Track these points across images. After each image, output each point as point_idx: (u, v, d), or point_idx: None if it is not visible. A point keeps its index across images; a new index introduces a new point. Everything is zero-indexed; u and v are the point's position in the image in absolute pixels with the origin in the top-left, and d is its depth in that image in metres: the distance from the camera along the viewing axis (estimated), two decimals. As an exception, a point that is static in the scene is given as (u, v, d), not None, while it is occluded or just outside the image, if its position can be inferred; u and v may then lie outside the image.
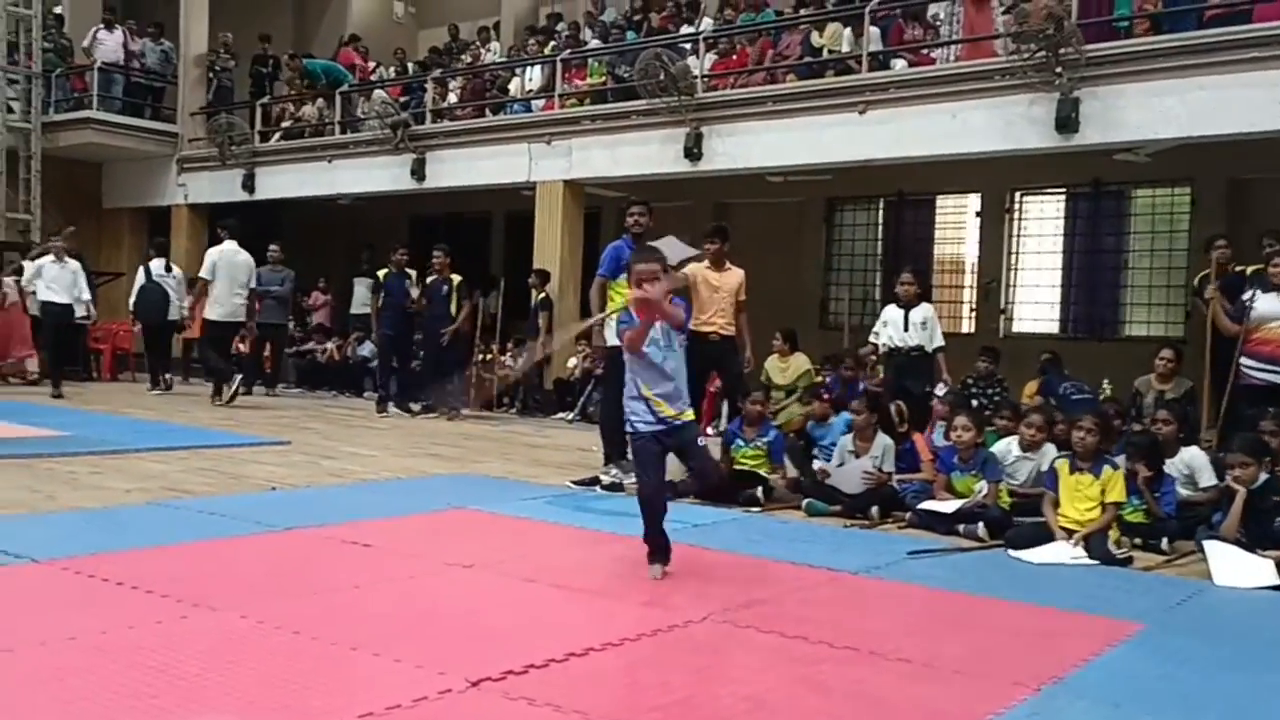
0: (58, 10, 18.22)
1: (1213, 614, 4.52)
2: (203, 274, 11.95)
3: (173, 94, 17.59)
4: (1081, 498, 5.55)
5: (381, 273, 12.19)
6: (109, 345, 15.37)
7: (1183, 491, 6.22)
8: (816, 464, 7.14)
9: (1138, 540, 5.74)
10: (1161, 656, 3.76)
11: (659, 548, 4.62)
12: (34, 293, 12.96)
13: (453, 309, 11.77)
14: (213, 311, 11.91)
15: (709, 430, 9.97)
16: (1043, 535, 5.54)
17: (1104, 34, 9.54)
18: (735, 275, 8.04)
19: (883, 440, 6.80)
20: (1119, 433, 6.67)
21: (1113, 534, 5.47)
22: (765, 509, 6.66)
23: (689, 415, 4.61)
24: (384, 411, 11.95)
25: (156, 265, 13.45)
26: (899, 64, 10.78)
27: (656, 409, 4.54)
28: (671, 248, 7.27)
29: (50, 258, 12.48)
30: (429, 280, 11.92)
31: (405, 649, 3.44)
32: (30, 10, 16.36)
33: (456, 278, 11.84)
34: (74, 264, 12.58)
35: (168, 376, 13.31)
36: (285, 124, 16.73)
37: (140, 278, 13.36)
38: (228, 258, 12.00)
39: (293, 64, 16.98)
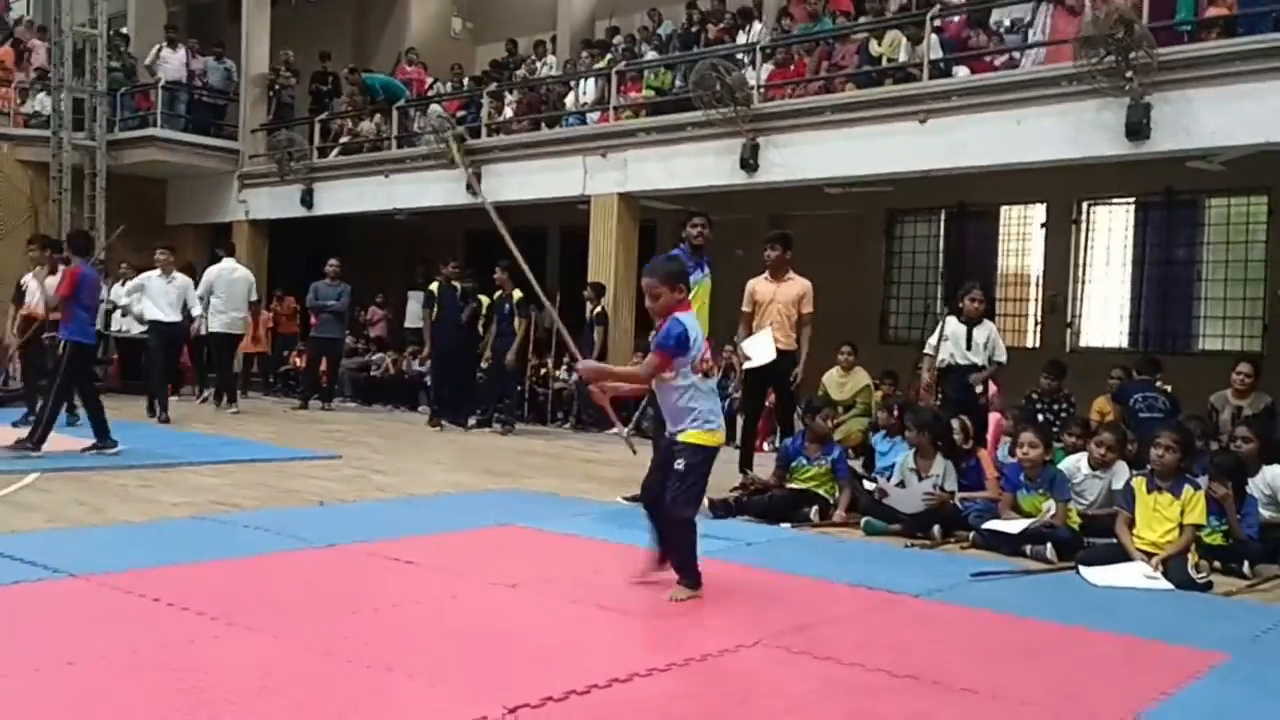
0: (123, 30, 18.53)
1: (1303, 644, 4.23)
2: (199, 293, 12.45)
3: (234, 111, 17.81)
4: (1160, 519, 5.27)
5: (434, 286, 12.21)
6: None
7: (1264, 513, 5.90)
8: (875, 483, 6.91)
9: (1217, 564, 5.45)
10: (1250, 688, 3.50)
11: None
12: (118, 309, 13.53)
13: (516, 325, 11.73)
14: (214, 323, 12.73)
15: (765, 447, 9.75)
16: (1117, 557, 5.27)
17: (1176, 37, 9.20)
18: (795, 286, 7.82)
19: (943, 460, 6.56)
20: (1199, 452, 6.35)
21: (1192, 557, 5.18)
22: (819, 527, 6.45)
23: (684, 436, 4.45)
24: (438, 426, 11.91)
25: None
26: (961, 71, 10.51)
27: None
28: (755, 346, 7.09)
29: (157, 272, 11.83)
30: (495, 296, 11.92)
31: (442, 673, 3.31)
32: (96, 30, 16.63)
33: (517, 293, 11.78)
34: (182, 278, 11.98)
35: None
36: (344, 140, 16.84)
37: None
38: (225, 275, 12.82)
39: (352, 78, 17.09)
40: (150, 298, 11.74)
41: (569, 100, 14.24)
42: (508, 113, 14.95)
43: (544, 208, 14.76)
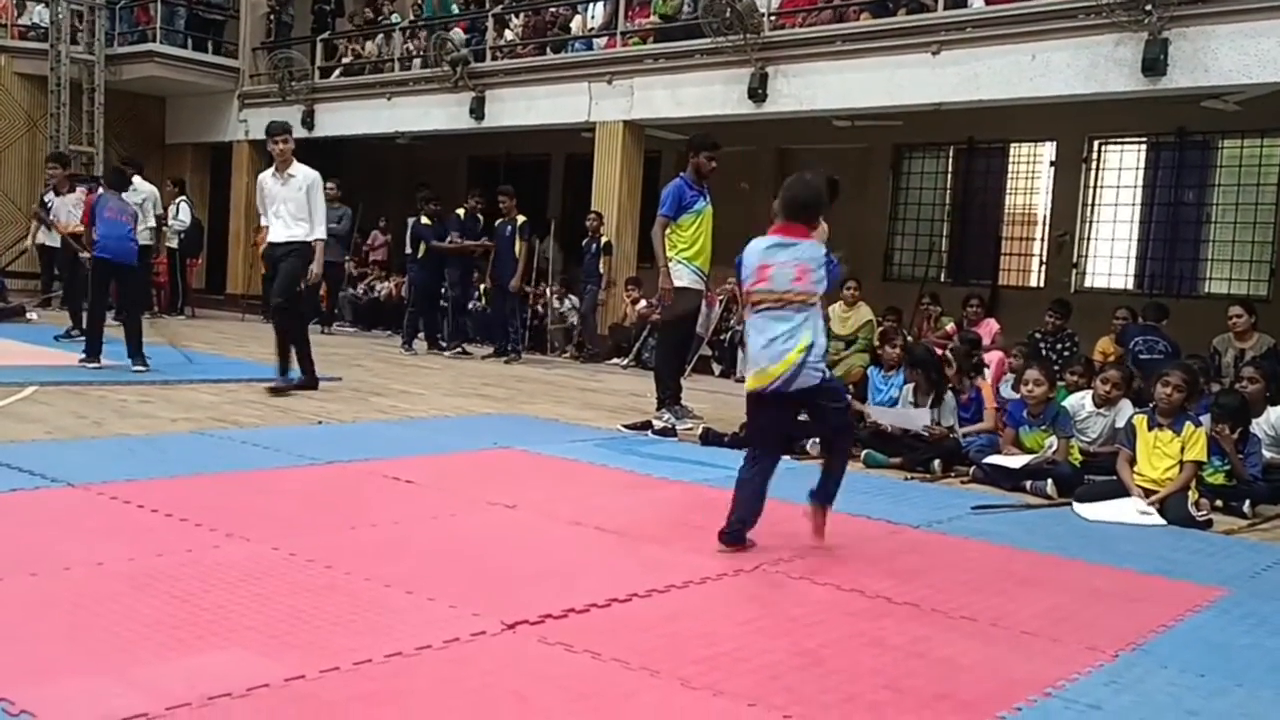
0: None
1: (1302, 582, 4.22)
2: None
3: (235, 28, 17.52)
4: (1160, 456, 5.25)
5: (459, 211, 12.09)
6: (167, 279, 15.40)
7: (1268, 454, 5.89)
8: (874, 412, 6.87)
9: (1218, 503, 5.44)
10: (1250, 624, 3.49)
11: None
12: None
13: (516, 250, 11.60)
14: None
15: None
16: (1117, 493, 5.26)
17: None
18: None
19: (939, 396, 6.55)
20: (1202, 392, 6.32)
21: (1192, 495, 5.17)
22: (818, 458, 6.42)
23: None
24: (440, 350, 11.89)
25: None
26: (976, 2, 10.29)
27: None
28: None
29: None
30: (496, 223, 11.79)
31: (440, 588, 3.29)
32: (94, -59, 16.32)
33: (520, 218, 11.63)
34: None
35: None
36: (346, 60, 16.59)
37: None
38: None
39: None
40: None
41: (575, 24, 13.99)
42: (509, 35, 14.68)
43: (548, 134, 14.59)
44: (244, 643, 2.74)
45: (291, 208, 7.87)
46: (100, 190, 8.62)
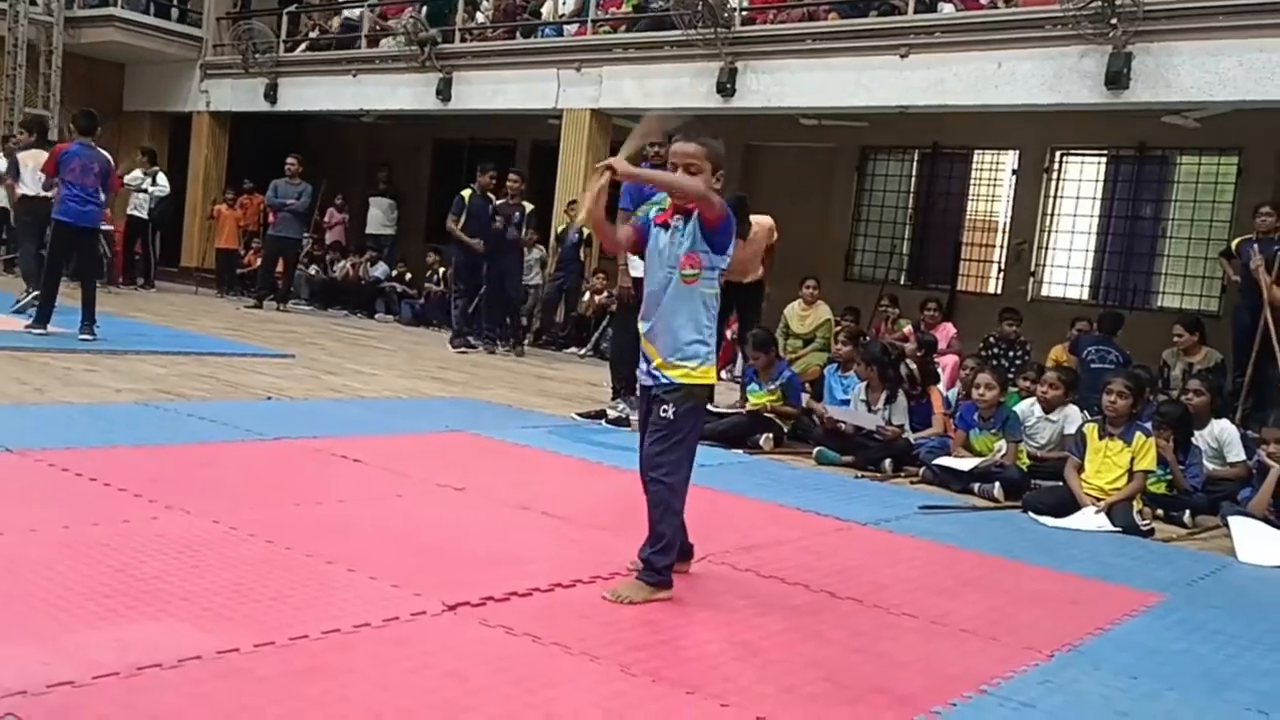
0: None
1: (1237, 590, 4.29)
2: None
3: (200, -3, 17.27)
4: (1111, 465, 5.29)
5: (464, 193, 11.09)
6: (122, 248, 15.14)
7: (1209, 465, 5.98)
8: (829, 410, 6.91)
9: (1159, 511, 5.52)
10: (1184, 630, 3.54)
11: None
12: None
13: (523, 236, 11.29)
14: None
15: (722, 374, 9.73)
16: (1063, 499, 5.32)
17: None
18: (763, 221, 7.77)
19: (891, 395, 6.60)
20: (1148, 401, 6.41)
21: (1136, 503, 5.23)
22: (771, 454, 6.46)
23: (679, 373, 3.25)
24: (463, 348, 10.89)
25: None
26: (946, 8, 10.36)
27: (647, 353, 3.34)
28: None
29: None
30: (499, 202, 10.99)
31: (383, 567, 3.25)
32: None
33: (528, 205, 11.25)
34: None
35: None
36: (312, 35, 16.39)
37: None
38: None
39: None
40: None
41: (546, 10, 13.91)
42: (479, 18, 14.56)
43: (515, 120, 14.52)
44: (177, 614, 2.69)
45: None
46: (72, 142, 8.37)
